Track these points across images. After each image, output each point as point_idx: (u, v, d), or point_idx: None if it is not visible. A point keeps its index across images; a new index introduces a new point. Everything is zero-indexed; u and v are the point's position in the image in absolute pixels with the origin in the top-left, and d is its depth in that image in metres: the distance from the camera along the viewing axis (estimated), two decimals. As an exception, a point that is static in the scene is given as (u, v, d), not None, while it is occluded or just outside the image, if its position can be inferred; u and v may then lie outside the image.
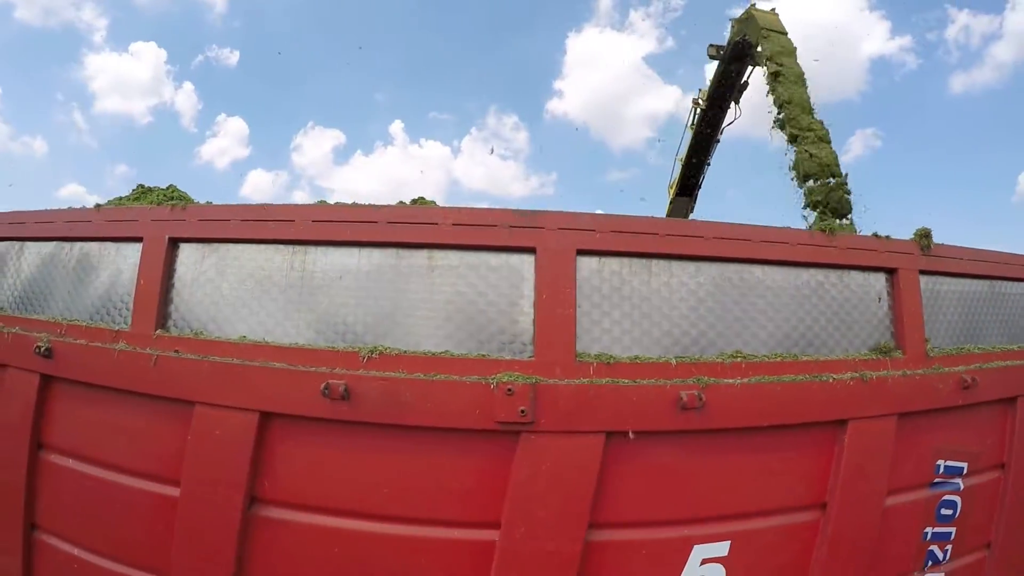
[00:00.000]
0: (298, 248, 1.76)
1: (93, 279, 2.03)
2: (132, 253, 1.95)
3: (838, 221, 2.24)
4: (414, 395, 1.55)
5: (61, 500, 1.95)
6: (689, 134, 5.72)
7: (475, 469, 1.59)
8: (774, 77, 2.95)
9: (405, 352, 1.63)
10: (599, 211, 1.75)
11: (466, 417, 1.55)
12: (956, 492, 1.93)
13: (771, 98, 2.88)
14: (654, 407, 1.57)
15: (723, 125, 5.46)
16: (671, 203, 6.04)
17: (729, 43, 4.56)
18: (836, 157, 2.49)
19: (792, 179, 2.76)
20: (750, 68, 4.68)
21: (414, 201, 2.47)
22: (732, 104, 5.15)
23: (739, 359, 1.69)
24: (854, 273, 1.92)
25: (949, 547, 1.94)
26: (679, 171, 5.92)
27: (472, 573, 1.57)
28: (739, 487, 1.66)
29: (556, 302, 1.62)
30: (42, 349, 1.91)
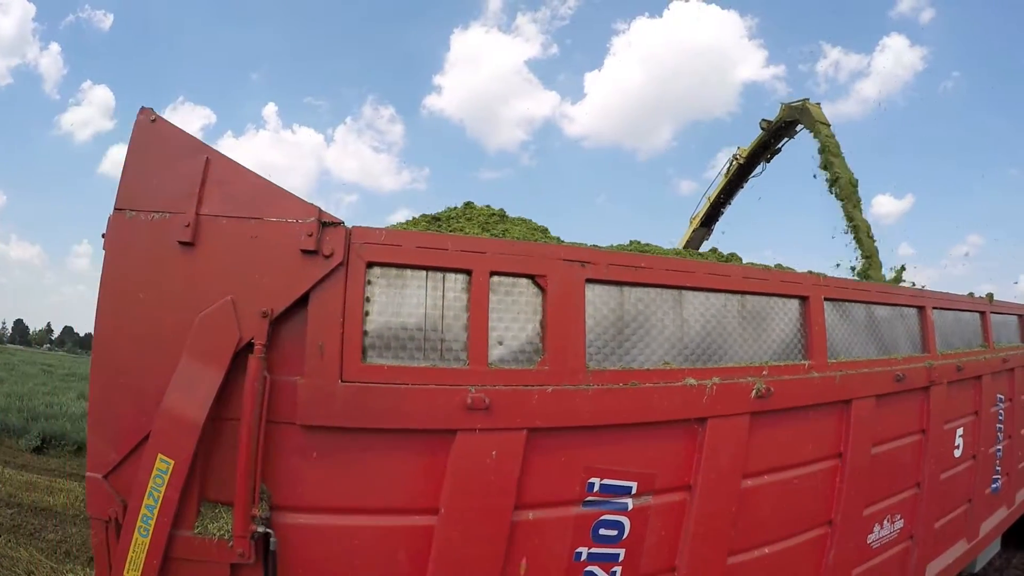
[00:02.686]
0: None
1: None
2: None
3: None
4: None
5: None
6: (721, 180, 6.97)
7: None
8: (834, 180, 4.87)
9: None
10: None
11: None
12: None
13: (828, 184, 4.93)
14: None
15: (751, 176, 6.87)
16: (692, 231, 7.15)
17: (778, 120, 6.03)
18: (876, 250, 4.67)
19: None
20: (788, 139, 6.30)
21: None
22: (763, 162, 6.68)
23: None
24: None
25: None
26: (704, 207, 7.09)
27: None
28: None
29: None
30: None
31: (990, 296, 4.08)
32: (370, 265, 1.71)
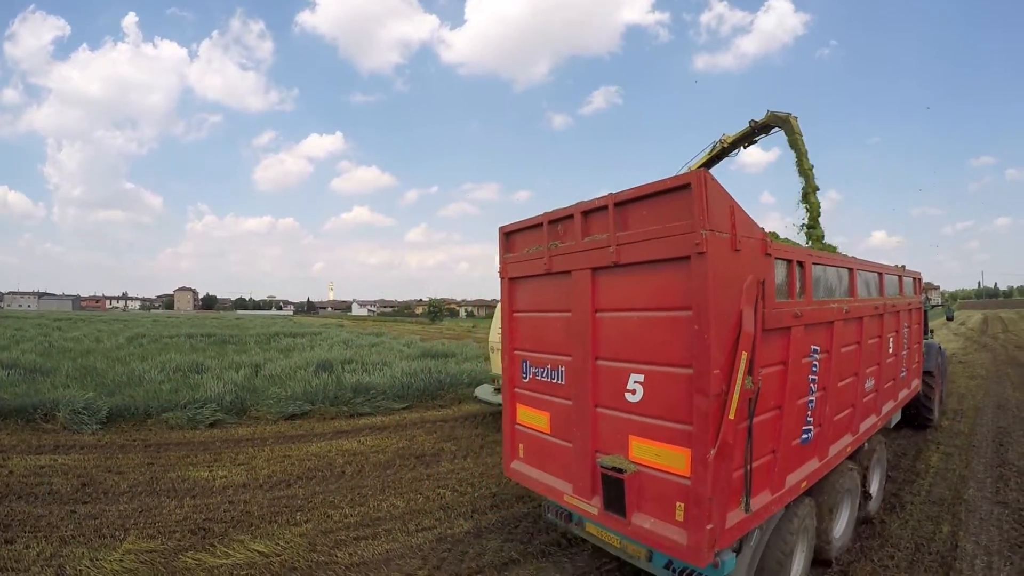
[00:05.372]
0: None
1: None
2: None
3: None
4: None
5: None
6: (703, 156, 8.80)
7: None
8: (806, 179, 7.81)
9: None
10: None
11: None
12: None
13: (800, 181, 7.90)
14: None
15: (728, 156, 8.92)
16: None
17: (763, 122, 8.13)
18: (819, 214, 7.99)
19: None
20: (764, 136, 8.52)
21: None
22: (741, 148, 8.75)
23: None
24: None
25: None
26: None
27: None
28: None
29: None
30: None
31: (903, 267, 7.33)
32: (773, 256, 3.95)
